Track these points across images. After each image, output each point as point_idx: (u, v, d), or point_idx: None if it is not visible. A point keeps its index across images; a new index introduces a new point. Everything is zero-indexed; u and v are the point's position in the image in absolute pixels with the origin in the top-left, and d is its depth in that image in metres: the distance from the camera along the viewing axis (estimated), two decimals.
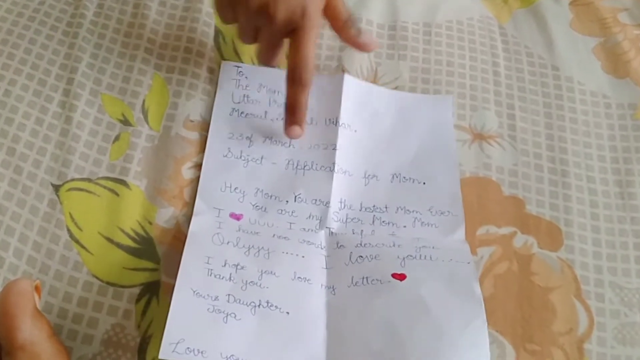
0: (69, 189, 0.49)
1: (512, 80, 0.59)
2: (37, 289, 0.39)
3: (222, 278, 0.44)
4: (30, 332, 0.35)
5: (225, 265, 0.45)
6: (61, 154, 0.51)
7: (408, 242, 0.48)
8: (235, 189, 0.50)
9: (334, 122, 0.53)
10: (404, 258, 0.46)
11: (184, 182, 0.50)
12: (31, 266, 0.46)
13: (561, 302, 0.47)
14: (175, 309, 0.42)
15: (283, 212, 0.49)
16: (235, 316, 0.42)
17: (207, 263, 0.44)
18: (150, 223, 0.48)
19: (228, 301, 0.43)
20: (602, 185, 0.53)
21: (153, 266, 0.47)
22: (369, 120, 0.55)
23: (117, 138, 0.52)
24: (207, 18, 0.59)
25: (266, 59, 0.53)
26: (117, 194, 0.49)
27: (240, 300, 0.43)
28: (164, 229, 0.48)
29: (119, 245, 0.47)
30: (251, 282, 0.44)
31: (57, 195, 0.49)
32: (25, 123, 0.52)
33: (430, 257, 0.46)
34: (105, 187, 0.49)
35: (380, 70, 0.58)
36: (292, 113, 0.51)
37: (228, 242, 0.46)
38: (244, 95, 0.55)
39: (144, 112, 0.53)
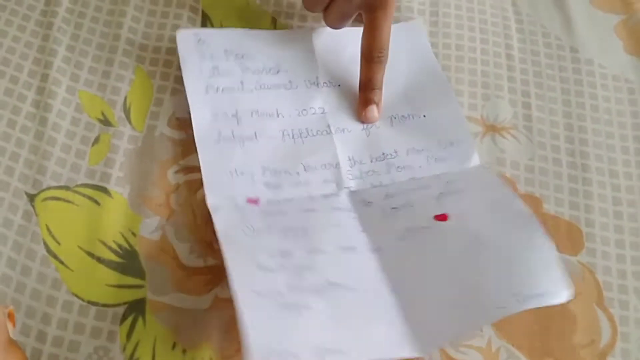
0: (45, 199, 0.45)
1: (527, 65, 0.54)
2: (10, 316, 0.36)
3: (275, 271, 0.40)
4: None
5: (270, 255, 0.42)
6: (36, 159, 0.47)
7: (432, 181, 0.47)
8: (241, 173, 0.47)
9: (315, 82, 0.51)
10: (436, 197, 0.45)
11: (170, 188, 0.47)
12: (5, 285, 0.42)
13: (582, 311, 0.45)
14: (249, 317, 0.36)
15: (298, 185, 0.47)
16: (305, 305, 0.39)
17: (252, 258, 0.41)
18: (134, 234, 0.45)
19: (291, 292, 0.40)
20: (625, 179, 0.50)
21: (138, 282, 0.43)
22: (348, 68, 0.52)
23: (96, 140, 0.48)
24: (194, 3, 0.54)
25: (333, 25, 0.52)
26: (97, 203, 0.46)
27: (302, 287, 0.40)
28: (149, 241, 0.44)
29: (100, 260, 0.44)
30: (303, 265, 0.41)
31: (32, 206, 0.45)
32: None
33: (462, 190, 0.46)
34: (84, 196, 0.46)
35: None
36: (368, 90, 0.50)
37: (260, 231, 0.43)
38: (213, 68, 0.50)
39: (126, 111, 0.49)
